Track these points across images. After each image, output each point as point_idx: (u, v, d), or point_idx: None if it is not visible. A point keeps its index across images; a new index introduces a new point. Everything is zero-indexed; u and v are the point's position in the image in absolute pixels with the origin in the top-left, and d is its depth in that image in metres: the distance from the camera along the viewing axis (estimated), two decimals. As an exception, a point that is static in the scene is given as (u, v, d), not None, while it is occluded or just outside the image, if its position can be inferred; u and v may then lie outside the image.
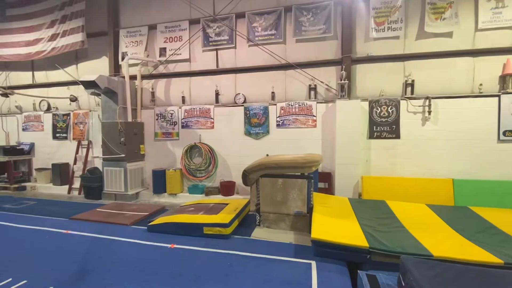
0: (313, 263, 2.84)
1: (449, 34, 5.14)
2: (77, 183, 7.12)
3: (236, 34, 6.21)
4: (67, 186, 7.18)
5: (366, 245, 2.69)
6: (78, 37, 6.98)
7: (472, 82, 5.09)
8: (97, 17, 7.13)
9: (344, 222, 3.41)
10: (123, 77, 6.49)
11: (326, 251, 2.86)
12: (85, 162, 7.16)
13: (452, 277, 1.88)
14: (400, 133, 5.32)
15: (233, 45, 6.27)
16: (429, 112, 5.15)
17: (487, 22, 4.95)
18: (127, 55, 6.71)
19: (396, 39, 5.38)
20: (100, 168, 6.55)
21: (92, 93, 6.43)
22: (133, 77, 6.70)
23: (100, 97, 6.57)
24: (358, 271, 2.49)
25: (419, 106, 5.24)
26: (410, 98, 5.27)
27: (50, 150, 7.70)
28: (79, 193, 6.98)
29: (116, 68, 7.01)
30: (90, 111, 7.31)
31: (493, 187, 4.61)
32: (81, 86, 6.41)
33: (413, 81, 5.27)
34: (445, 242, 2.87)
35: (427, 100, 5.16)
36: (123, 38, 6.97)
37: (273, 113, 5.98)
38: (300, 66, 5.83)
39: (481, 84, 5.02)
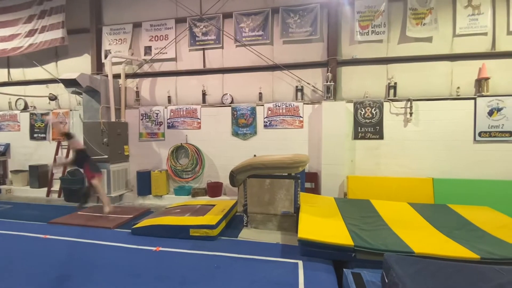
0: (300, 263, 2.86)
1: (429, 39, 5.35)
2: (56, 186, 6.84)
3: (223, 34, 6.18)
4: (45, 189, 6.87)
5: (351, 243, 2.75)
6: (58, 34, 6.70)
7: (450, 85, 5.32)
8: (78, 13, 6.88)
9: (330, 221, 3.46)
10: (106, 75, 6.29)
11: (313, 251, 2.90)
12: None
13: (432, 272, 1.95)
14: (383, 134, 5.48)
15: (220, 45, 6.23)
16: (411, 114, 5.33)
17: (464, 28, 5.20)
18: (111, 53, 6.53)
19: (380, 42, 5.54)
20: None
21: (73, 92, 6.20)
22: (116, 76, 6.52)
23: (81, 96, 6.35)
24: (344, 269, 2.54)
25: (401, 108, 5.42)
26: (392, 100, 5.44)
27: (27, 151, 7.34)
28: (59, 196, 6.69)
29: (98, 67, 6.80)
30: (70, 110, 7.04)
31: (470, 186, 4.84)
32: (61, 85, 6.15)
33: (395, 83, 5.44)
34: (425, 239, 2.98)
35: (409, 102, 5.34)
36: (106, 36, 6.77)
37: (261, 113, 6.00)
38: (287, 67, 5.88)
39: (458, 87, 5.25)
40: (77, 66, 6.89)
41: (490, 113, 5.08)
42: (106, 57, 6.63)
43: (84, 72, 5.93)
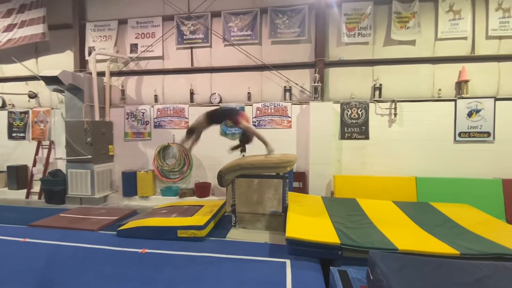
0: (288, 262, 2.88)
1: (412, 42, 5.52)
2: (36, 187, 6.57)
3: (212, 33, 6.14)
4: (25, 191, 6.60)
5: (337, 242, 2.79)
6: (38, 29, 6.45)
7: (432, 87, 5.50)
8: (60, 8, 6.64)
9: (317, 220, 3.51)
10: (90, 73, 6.11)
11: (300, 249, 2.92)
12: (46, 164, 6.63)
13: (414, 268, 2.02)
14: (369, 134, 5.60)
15: (209, 44, 6.18)
16: (395, 115, 5.48)
17: (446, 32, 5.39)
18: (95, 50, 6.35)
19: (366, 44, 5.66)
20: (64, 170, 6.11)
21: (55, 90, 5.97)
22: (101, 74, 6.34)
23: (63, 94, 6.13)
24: (330, 267, 2.58)
25: (386, 108, 5.56)
26: (378, 101, 5.57)
27: (5, 151, 7.02)
28: (39, 198, 6.44)
29: (82, 64, 6.59)
30: (52, 109, 6.79)
31: (450, 184, 5.02)
32: (41, 82, 5.91)
33: (380, 85, 5.58)
34: (408, 236, 3.07)
35: (393, 103, 5.49)
36: (90, 32, 6.57)
37: (249, 113, 5.98)
38: (276, 68, 5.91)
39: (440, 89, 5.45)
40: (58, 63, 6.64)
41: (469, 114, 5.30)
42: (89, 54, 6.44)
43: (66, 69, 5.73)
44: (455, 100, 5.35)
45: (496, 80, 5.31)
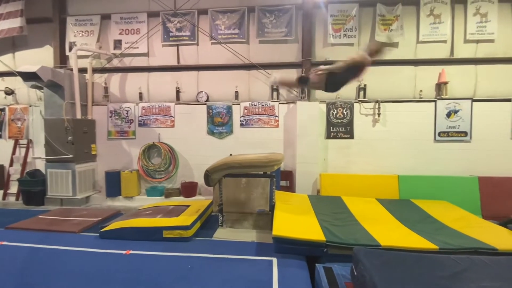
0: (275, 260, 2.90)
1: (395, 44, 5.68)
2: (14, 188, 6.28)
3: (198, 31, 6.07)
4: (1, 192, 6.30)
5: (323, 239, 2.84)
6: (15, 22, 6.14)
7: (414, 88, 5.69)
8: (40, 1, 6.35)
9: (303, 218, 3.55)
10: (71, 69, 5.89)
11: (287, 247, 2.95)
12: (24, 164, 6.34)
13: (396, 263, 2.09)
14: (354, 134, 5.72)
15: (195, 42, 6.11)
16: (379, 115, 5.63)
17: (427, 35, 5.58)
18: (76, 45, 6.13)
19: (351, 46, 5.77)
20: (43, 170, 5.87)
21: (33, 86, 5.71)
22: (82, 70, 6.12)
23: (42, 90, 5.87)
24: (316, 264, 2.62)
25: (370, 109, 5.69)
26: (362, 101, 5.70)
27: (-22, 150, 6.66)
28: (17, 199, 6.17)
29: (62, 59, 6.34)
30: (30, 106, 6.49)
31: (430, 182, 5.21)
32: (19, 78, 5.62)
33: (365, 85, 5.71)
34: (391, 233, 3.17)
35: (377, 104, 5.63)
36: (71, 27, 6.33)
37: (237, 112, 5.98)
38: (263, 67, 5.92)
39: (421, 90, 5.64)
40: (37, 58, 6.36)
41: (448, 114, 5.52)
42: (70, 49, 6.19)
43: (45, 65, 5.49)
44: (435, 101, 5.56)
45: (473, 83, 5.55)
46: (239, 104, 5.97)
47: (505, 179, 5.09)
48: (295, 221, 3.40)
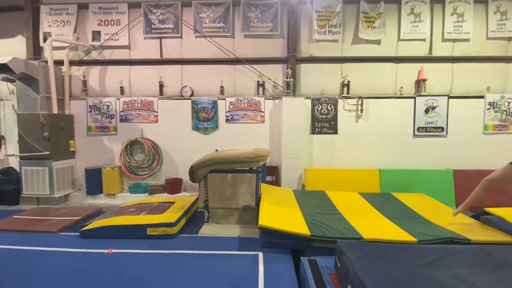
0: (260, 254, 2.92)
1: (378, 42, 5.81)
2: (-16, 187, 5.92)
3: (182, 23, 5.91)
4: (-30, 191, 5.90)
5: (307, 233, 2.89)
6: (-19, 9, 5.72)
7: (395, 85, 5.86)
8: (8, -12, 5.94)
9: (288, 211, 3.60)
10: (46, 61, 5.58)
11: (273, 242, 2.98)
12: (-4, 161, 6.00)
13: (377, 254, 2.16)
14: (337, 129, 5.84)
15: (179, 35, 5.95)
16: (361, 111, 5.77)
17: (407, 34, 5.75)
18: (51, 36, 5.81)
19: (335, 42, 5.84)
20: (17, 168, 5.57)
21: (4, 79, 5.39)
22: (59, 63, 5.82)
23: (14, 84, 5.54)
24: (301, 257, 2.67)
25: (353, 104, 5.82)
26: (346, 97, 5.81)
27: None
28: (-12, 199, 5.82)
29: (36, 51, 5.99)
30: (1, 100, 6.11)
31: (409, 175, 5.44)
32: (-13, 70, 5.28)
33: (349, 82, 5.82)
34: (373, 225, 3.28)
35: (360, 100, 5.76)
36: (45, 16, 5.98)
37: (222, 107, 5.92)
38: (249, 62, 5.88)
39: (401, 87, 5.83)
40: (8, 49, 5.98)
41: (426, 110, 5.75)
42: (45, 40, 5.86)
43: (17, 57, 5.17)
44: (414, 98, 5.76)
45: (449, 80, 5.80)
46: (224, 99, 5.91)
47: (478, 172, 5.36)
48: (281, 214, 3.44)
